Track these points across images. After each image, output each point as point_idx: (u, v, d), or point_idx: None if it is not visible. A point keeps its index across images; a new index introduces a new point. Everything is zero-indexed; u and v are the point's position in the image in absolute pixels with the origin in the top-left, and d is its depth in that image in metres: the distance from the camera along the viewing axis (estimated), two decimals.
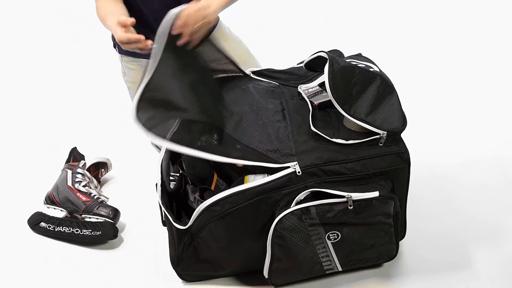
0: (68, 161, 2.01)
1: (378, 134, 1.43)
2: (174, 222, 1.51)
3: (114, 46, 2.03)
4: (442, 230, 1.76)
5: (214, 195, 1.45)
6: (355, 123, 1.43)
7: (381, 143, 1.44)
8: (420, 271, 1.63)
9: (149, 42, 1.55)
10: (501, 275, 1.60)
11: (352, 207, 1.39)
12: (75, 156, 2.02)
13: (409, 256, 1.66)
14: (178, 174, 1.68)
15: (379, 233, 1.48)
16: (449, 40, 2.92)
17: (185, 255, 1.54)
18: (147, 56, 1.91)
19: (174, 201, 1.63)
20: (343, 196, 1.39)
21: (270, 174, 1.44)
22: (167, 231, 1.64)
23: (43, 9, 3.45)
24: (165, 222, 1.62)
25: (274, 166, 1.42)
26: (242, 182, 1.49)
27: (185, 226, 1.50)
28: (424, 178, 1.72)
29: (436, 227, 1.77)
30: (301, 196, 1.41)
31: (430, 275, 1.61)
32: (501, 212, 1.82)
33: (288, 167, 1.42)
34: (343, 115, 1.43)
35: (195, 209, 1.48)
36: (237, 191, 1.42)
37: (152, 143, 2.15)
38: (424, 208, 1.81)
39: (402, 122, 1.45)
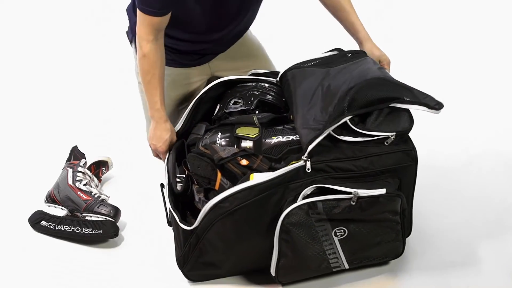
0: (69, 159, 2.00)
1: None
2: (181, 222, 1.50)
3: (131, 42, 1.97)
4: (445, 227, 1.77)
5: (219, 194, 1.45)
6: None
7: (387, 142, 1.45)
8: (426, 269, 1.62)
9: None
10: (503, 272, 1.61)
11: (358, 203, 1.39)
12: (75, 154, 2.01)
13: (415, 254, 1.66)
14: (184, 176, 1.67)
15: (385, 230, 1.48)
16: (452, 38, 2.93)
17: (191, 256, 1.54)
18: (166, 62, 1.87)
19: (180, 202, 1.63)
20: (349, 193, 1.38)
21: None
22: (167, 229, 1.64)
23: (51, 5, 3.43)
24: (171, 222, 1.61)
25: None
26: (247, 180, 1.49)
27: (191, 226, 1.49)
28: (427, 176, 1.73)
29: (439, 225, 1.77)
30: (308, 190, 1.41)
31: (436, 272, 1.61)
32: (504, 210, 1.83)
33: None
34: None
35: (200, 209, 1.48)
36: (245, 187, 1.42)
37: None
38: (427, 205, 1.81)
39: (410, 122, 1.45)
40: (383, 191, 1.40)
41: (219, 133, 1.61)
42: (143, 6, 1.63)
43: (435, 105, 1.44)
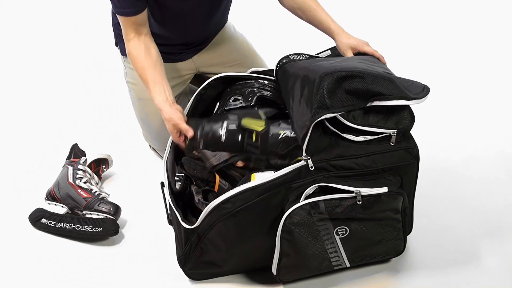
0: (69, 157, 2.00)
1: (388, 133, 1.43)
2: (182, 221, 1.50)
3: (116, 45, 2.01)
4: (446, 225, 1.77)
5: (218, 196, 1.45)
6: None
7: (392, 142, 1.44)
8: (427, 267, 1.63)
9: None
10: (503, 270, 1.62)
11: (360, 202, 1.39)
12: (76, 152, 2.00)
13: (415, 252, 1.66)
14: (183, 174, 1.67)
15: (387, 229, 1.48)
16: (453, 37, 2.93)
17: (192, 255, 1.54)
18: None
19: (180, 201, 1.62)
20: (352, 191, 1.38)
21: (277, 171, 1.44)
22: (167, 227, 1.64)
23: (46, 7, 3.43)
24: (171, 221, 1.60)
25: None
26: (248, 180, 1.49)
27: (192, 225, 1.49)
28: (427, 174, 1.73)
29: (439, 223, 1.78)
30: (310, 190, 1.40)
31: (437, 270, 1.62)
32: (504, 208, 1.83)
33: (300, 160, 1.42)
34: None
35: (200, 209, 1.48)
36: (248, 188, 1.42)
37: (150, 146, 2.14)
38: (428, 203, 1.81)
39: (411, 119, 1.44)
40: (385, 189, 1.40)
41: (225, 122, 1.58)
42: (116, 8, 1.70)
43: (418, 93, 1.41)
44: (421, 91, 1.43)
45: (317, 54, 1.78)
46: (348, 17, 2.05)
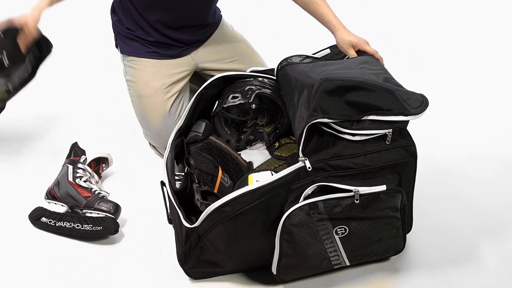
0: (69, 156, 2.00)
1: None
2: (184, 219, 1.50)
3: (116, 46, 2.02)
4: (446, 224, 1.77)
5: (217, 196, 1.46)
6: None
7: (388, 141, 1.44)
8: (427, 265, 1.63)
9: None
10: (503, 269, 1.62)
11: (359, 201, 1.39)
12: (76, 151, 2.00)
13: (415, 250, 1.66)
14: (183, 173, 1.67)
15: (386, 227, 1.48)
16: (453, 37, 2.92)
17: (192, 254, 1.54)
18: (148, 55, 1.93)
19: (180, 200, 1.62)
20: (350, 190, 1.38)
21: (276, 172, 1.44)
22: (167, 226, 1.65)
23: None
24: (171, 220, 1.60)
25: None
26: (246, 180, 1.51)
27: (192, 225, 1.49)
28: (426, 173, 1.73)
29: (439, 222, 1.78)
30: (309, 190, 1.41)
31: (436, 268, 1.62)
32: (504, 208, 1.83)
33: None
34: None
35: (200, 208, 1.48)
36: (247, 191, 1.42)
37: (150, 145, 2.14)
38: (426, 202, 1.81)
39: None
40: (383, 187, 1.40)
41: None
42: None
43: (417, 108, 1.42)
44: (420, 105, 1.43)
45: (316, 52, 1.78)
46: (348, 14, 2.06)
